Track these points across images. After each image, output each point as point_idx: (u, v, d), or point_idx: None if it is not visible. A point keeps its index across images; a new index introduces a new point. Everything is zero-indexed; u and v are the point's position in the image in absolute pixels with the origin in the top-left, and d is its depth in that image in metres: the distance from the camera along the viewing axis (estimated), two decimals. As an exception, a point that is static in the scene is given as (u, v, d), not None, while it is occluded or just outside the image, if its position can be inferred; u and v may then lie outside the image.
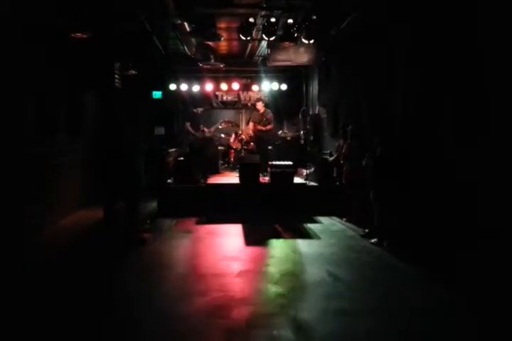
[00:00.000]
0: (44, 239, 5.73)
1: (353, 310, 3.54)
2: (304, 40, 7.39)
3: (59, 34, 5.96)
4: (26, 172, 5.57)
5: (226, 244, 5.57)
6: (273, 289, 3.94)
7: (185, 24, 7.40)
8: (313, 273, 4.42)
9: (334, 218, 7.09)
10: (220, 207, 7.32)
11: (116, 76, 8.91)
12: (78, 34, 5.79)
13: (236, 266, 4.66)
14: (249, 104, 11.68)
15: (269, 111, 9.40)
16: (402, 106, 5.93)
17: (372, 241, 5.58)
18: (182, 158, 8.22)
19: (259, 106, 9.33)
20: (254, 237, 5.90)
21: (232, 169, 9.47)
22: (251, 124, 9.44)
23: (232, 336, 3.11)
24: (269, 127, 9.14)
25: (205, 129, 9.69)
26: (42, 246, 5.42)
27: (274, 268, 4.53)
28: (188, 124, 9.55)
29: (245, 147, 9.49)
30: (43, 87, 6.13)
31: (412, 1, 5.64)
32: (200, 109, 9.76)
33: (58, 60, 6.48)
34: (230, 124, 9.96)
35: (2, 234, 4.84)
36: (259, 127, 9.12)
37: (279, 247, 5.41)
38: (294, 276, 4.31)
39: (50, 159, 6.44)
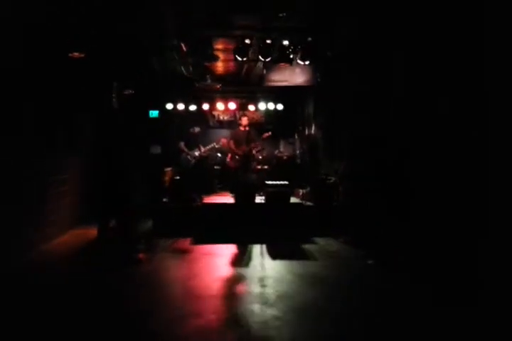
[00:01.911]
0: (37, 258, 5.63)
1: (349, 334, 3.47)
2: (299, 62, 7.49)
3: (56, 53, 6.01)
4: (21, 190, 5.53)
5: (221, 265, 5.48)
6: (268, 311, 3.86)
7: (183, 45, 7.50)
8: (310, 294, 4.35)
9: (330, 239, 7.02)
10: (216, 227, 7.25)
11: (114, 95, 8.96)
12: (76, 53, 5.83)
13: (231, 287, 4.58)
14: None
15: (252, 129, 9.33)
16: (398, 127, 5.96)
17: (369, 262, 5.52)
18: (178, 177, 8.19)
19: (244, 121, 9.23)
20: (250, 258, 5.84)
21: (229, 189, 9.42)
22: (231, 142, 9.25)
23: (227, 360, 3.03)
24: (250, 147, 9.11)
25: (202, 147, 9.71)
26: (35, 265, 5.31)
27: (269, 290, 4.46)
28: (182, 144, 9.57)
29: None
30: (40, 106, 6.14)
31: (406, 20, 5.73)
32: (197, 129, 9.80)
33: (55, 79, 6.52)
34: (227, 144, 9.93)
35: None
36: (241, 149, 9.07)
37: (275, 268, 5.33)
38: (289, 298, 4.22)
39: (45, 177, 6.39)
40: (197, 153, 9.52)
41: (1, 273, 4.82)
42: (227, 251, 6.25)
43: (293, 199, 8.13)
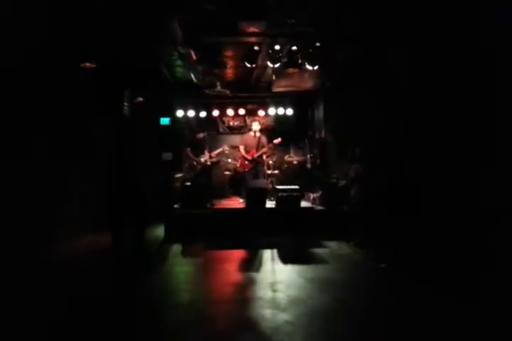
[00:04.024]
0: (51, 263, 5.73)
1: (361, 338, 3.46)
2: (308, 67, 7.52)
3: (68, 64, 6.15)
4: (34, 197, 5.64)
5: (233, 270, 5.52)
6: (280, 316, 3.88)
7: (192, 52, 7.58)
8: (321, 299, 4.35)
9: (342, 242, 7.01)
10: (227, 232, 7.29)
11: (125, 103, 9.09)
12: (87, 64, 5.96)
13: (243, 292, 4.61)
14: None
15: (262, 134, 9.26)
16: (406, 130, 5.95)
17: (382, 265, 5.50)
18: (189, 183, 8.26)
19: (255, 126, 9.18)
20: (261, 262, 5.85)
21: (239, 194, 9.47)
22: (241, 148, 9.22)
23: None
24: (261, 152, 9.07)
25: (208, 154, 9.73)
26: (49, 270, 5.40)
27: (281, 294, 4.47)
28: (188, 150, 9.62)
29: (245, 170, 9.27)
30: (54, 115, 6.27)
31: (411, 24, 5.74)
32: (202, 134, 9.81)
33: (68, 89, 6.66)
34: (236, 149, 10.02)
35: (10, 256, 4.87)
36: (250, 154, 9.06)
37: (286, 272, 5.35)
38: (301, 303, 4.23)
39: (58, 184, 6.51)
40: (203, 159, 9.55)
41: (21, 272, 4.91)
42: (238, 256, 6.28)
43: (304, 204, 8.14)
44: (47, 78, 5.91)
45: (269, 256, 6.24)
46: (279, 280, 5.02)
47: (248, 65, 7.43)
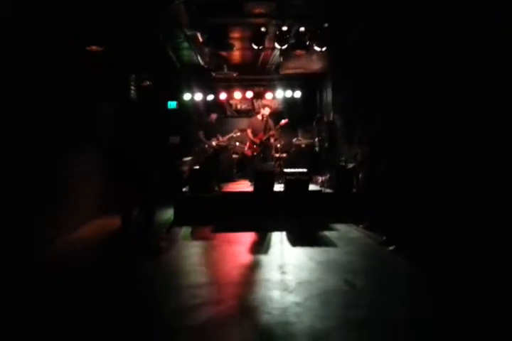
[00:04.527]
0: (61, 248, 5.80)
1: (369, 320, 3.48)
2: (316, 48, 7.41)
3: (74, 46, 6.10)
4: (42, 181, 5.67)
5: (241, 252, 5.56)
6: (289, 298, 3.91)
7: (198, 34, 7.50)
8: (330, 281, 4.37)
9: (351, 225, 7.02)
10: (235, 215, 7.33)
11: (132, 87, 9.05)
12: (93, 47, 5.91)
13: (251, 274, 4.65)
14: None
15: (270, 121, 9.27)
16: (415, 113, 5.87)
17: (390, 248, 5.50)
18: (197, 167, 8.28)
19: (266, 111, 9.16)
20: (270, 245, 5.89)
21: (247, 177, 9.48)
22: (249, 131, 9.26)
23: (248, 345, 3.09)
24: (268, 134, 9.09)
25: (220, 138, 9.73)
26: (58, 255, 5.48)
27: (289, 277, 4.51)
28: (200, 133, 9.59)
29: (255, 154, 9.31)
30: (59, 99, 6.25)
31: (418, 11, 5.63)
32: (214, 115, 9.78)
33: (73, 72, 6.62)
34: (244, 132, 9.99)
35: (17, 243, 4.93)
36: (258, 138, 9.06)
37: (295, 255, 5.38)
38: (310, 284, 4.26)
39: (66, 168, 6.54)
40: (214, 143, 9.55)
41: (29, 263, 4.99)
42: (246, 238, 6.32)
43: (312, 187, 8.13)
44: (51, 61, 5.86)
45: (277, 238, 6.27)
46: (287, 262, 5.05)
47: (255, 47, 7.34)
